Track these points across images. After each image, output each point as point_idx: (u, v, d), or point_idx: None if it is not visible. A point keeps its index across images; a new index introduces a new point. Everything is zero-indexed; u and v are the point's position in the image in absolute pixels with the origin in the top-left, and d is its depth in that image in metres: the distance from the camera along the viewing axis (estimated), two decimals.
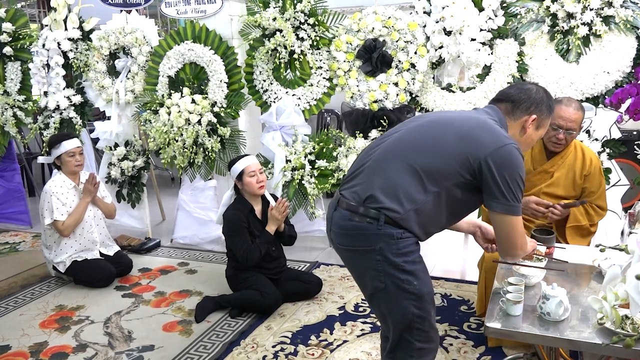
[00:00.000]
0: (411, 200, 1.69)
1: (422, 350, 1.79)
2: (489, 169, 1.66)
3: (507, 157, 1.67)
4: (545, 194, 2.69)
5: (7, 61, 4.75)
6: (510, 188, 1.66)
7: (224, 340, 2.83)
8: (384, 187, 1.71)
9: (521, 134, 1.84)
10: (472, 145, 1.69)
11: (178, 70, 4.10)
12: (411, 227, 1.72)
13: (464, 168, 1.69)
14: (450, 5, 3.40)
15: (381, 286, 1.73)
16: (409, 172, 1.71)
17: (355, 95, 3.82)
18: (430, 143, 1.74)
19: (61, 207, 3.49)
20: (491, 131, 1.72)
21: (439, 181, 1.70)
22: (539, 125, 1.85)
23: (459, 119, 1.79)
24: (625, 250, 1.95)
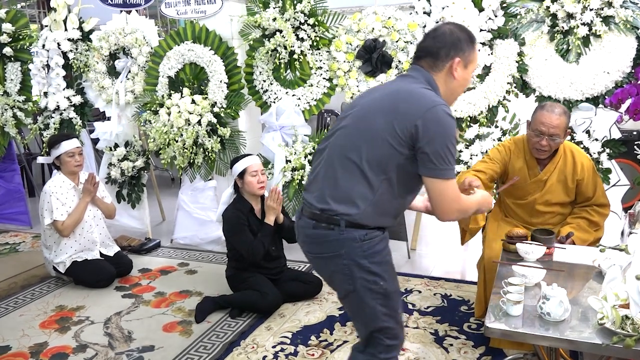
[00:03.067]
0: (364, 198, 1.69)
1: (389, 347, 1.82)
2: (418, 133, 1.63)
3: (434, 119, 1.64)
4: (541, 203, 2.68)
5: (7, 62, 4.76)
6: (437, 151, 1.63)
7: (224, 340, 2.83)
8: (335, 195, 1.72)
9: (451, 80, 1.78)
10: (401, 119, 1.66)
11: (178, 70, 4.10)
12: (374, 222, 1.73)
13: (400, 144, 1.66)
14: (450, 6, 3.40)
15: (350, 289, 1.75)
16: (354, 171, 1.71)
17: (356, 95, 3.82)
18: (366, 135, 1.72)
19: (61, 207, 3.49)
20: (416, 97, 1.69)
21: (384, 167, 1.69)
22: (466, 64, 1.78)
23: (385, 98, 1.75)
24: (625, 250, 1.95)
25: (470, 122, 3.60)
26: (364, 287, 1.74)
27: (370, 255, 1.73)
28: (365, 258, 1.72)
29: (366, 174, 1.69)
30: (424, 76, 1.77)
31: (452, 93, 1.82)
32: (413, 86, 1.73)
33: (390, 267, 1.80)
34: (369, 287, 1.73)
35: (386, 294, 1.76)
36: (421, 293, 3.31)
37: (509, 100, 3.50)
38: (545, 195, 2.67)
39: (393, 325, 1.80)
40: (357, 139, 1.72)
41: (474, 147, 3.53)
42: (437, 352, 2.65)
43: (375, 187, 1.69)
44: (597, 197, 2.65)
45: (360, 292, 1.74)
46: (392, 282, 1.79)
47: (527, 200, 2.72)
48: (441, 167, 1.64)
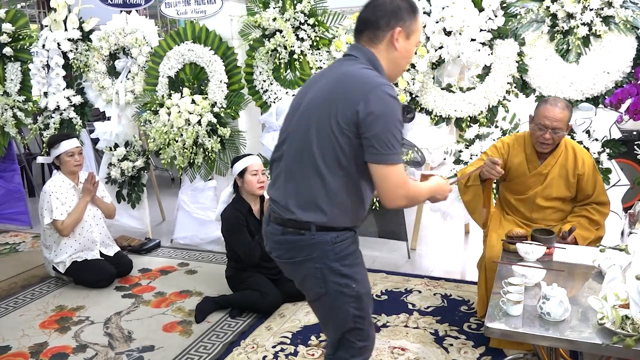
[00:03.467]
0: (328, 200, 1.65)
1: (362, 349, 1.81)
2: (359, 118, 1.57)
3: (374, 102, 1.57)
4: (541, 197, 2.69)
5: (7, 62, 4.76)
6: (379, 134, 1.57)
7: (224, 340, 2.83)
8: (300, 203, 1.68)
9: (392, 51, 1.70)
10: (342, 108, 1.60)
11: (178, 70, 4.10)
12: (344, 223, 1.71)
13: (347, 135, 1.60)
14: (450, 6, 3.40)
15: (322, 292, 1.73)
16: (313, 174, 1.66)
17: None
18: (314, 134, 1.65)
19: (60, 206, 3.49)
20: (356, 81, 1.62)
21: (340, 163, 1.63)
22: (408, 34, 1.69)
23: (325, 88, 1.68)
24: (625, 250, 1.95)
25: (470, 122, 3.60)
26: (336, 291, 1.71)
27: (342, 258, 1.70)
28: (337, 261, 1.70)
29: (324, 174, 1.64)
30: (364, 54, 1.70)
31: (396, 66, 1.74)
32: (353, 68, 1.66)
33: (362, 269, 1.78)
34: (341, 290, 1.71)
35: (358, 297, 1.74)
36: (421, 293, 3.31)
37: (509, 100, 3.50)
38: (546, 190, 2.68)
39: (365, 327, 1.79)
40: (307, 140, 1.66)
41: (474, 147, 3.53)
42: (437, 352, 2.66)
43: (336, 186, 1.65)
44: (597, 194, 2.65)
45: (332, 295, 1.72)
46: (364, 284, 1.77)
47: (527, 194, 2.73)
48: (384, 152, 1.57)
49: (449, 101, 3.62)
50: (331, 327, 1.81)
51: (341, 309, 1.74)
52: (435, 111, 3.67)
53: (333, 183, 1.64)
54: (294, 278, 1.82)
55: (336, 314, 1.76)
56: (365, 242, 4.18)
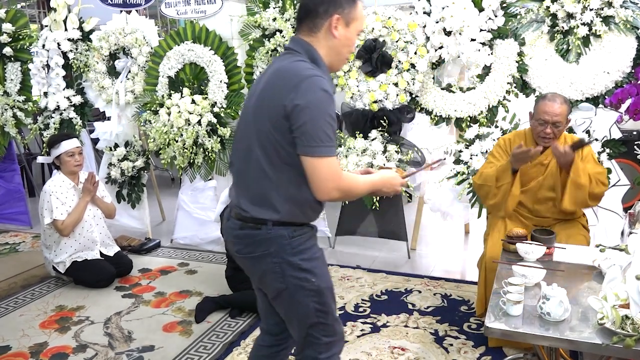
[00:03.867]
0: (279, 197, 1.65)
1: (328, 345, 1.79)
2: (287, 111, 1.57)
3: (302, 93, 1.55)
4: (545, 188, 2.70)
5: (7, 62, 4.76)
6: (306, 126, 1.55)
7: (224, 340, 2.83)
8: (253, 201, 1.69)
9: (331, 39, 1.67)
10: (274, 104, 1.60)
11: (178, 70, 4.10)
12: (299, 219, 1.70)
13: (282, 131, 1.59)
14: (450, 6, 3.40)
15: (282, 287, 1.71)
16: (260, 172, 1.66)
17: (355, 95, 3.82)
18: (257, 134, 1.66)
19: (60, 206, 3.49)
20: (286, 76, 1.61)
21: (285, 160, 1.62)
22: (347, 21, 1.67)
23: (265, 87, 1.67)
24: (625, 250, 1.95)
25: (470, 122, 3.60)
26: (295, 285, 1.70)
27: (299, 252, 1.69)
28: (295, 255, 1.68)
29: (270, 172, 1.64)
30: (302, 46, 1.68)
31: (337, 54, 1.71)
32: (285, 63, 1.66)
33: (321, 263, 1.76)
34: (301, 284, 1.70)
35: (319, 291, 1.72)
36: (421, 293, 3.31)
37: (509, 100, 3.51)
38: (548, 179, 2.70)
39: (329, 321, 1.77)
40: (250, 140, 1.67)
41: (474, 147, 3.53)
42: (437, 352, 2.65)
43: (284, 182, 1.64)
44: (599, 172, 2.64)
45: (292, 290, 1.70)
46: (324, 279, 1.75)
47: (530, 185, 2.74)
48: (312, 144, 1.56)
49: (449, 101, 3.62)
50: (295, 324, 1.78)
51: (302, 304, 1.72)
52: (435, 111, 3.67)
53: (280, 180, 1.64)
54: (254, 274, 1.79)
55: (297, 310, 1.74)
56: (365, 242, 4.18)
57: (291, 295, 1.72)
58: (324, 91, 1.58)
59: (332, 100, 1.60)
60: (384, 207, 3.87)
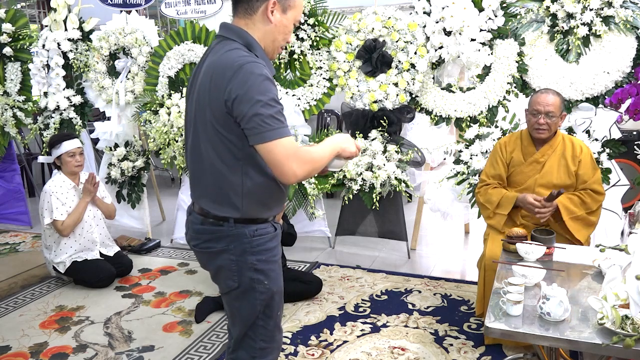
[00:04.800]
0: (237, 194, 1.61)
1: (264, 350, 1.75)
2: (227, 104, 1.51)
3: (238, 82, 1.49)
4: (541, 185, 2.71)
5: (7, 62, 4.75)
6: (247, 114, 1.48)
7: (224, 340, 2.83)
8: (213, 199, 1.65)
9: (267, 24, 1.61)
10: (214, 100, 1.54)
11: (178, 70, 4.10)
12: (261, 214, 1.67)
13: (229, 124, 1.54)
14: (450, 6, 3.40)
15: (234, 285, 1.69)
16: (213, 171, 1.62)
17: (355, 95, 3.82)
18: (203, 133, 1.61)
19: (61, 207, 3.49)
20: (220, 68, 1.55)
21: (235, 154, 1.58)
22: (284, 7, 1.62)
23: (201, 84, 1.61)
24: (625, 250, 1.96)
25: (470, 122, 3.60)
26: (248, 285, 1.67)
27: (258, 252, 1.66)
28: (253, 255, 1.66)
29: (223, 170, 1.60)
30: (235, 32, 1.61)
31: (272, 41, 1.65)
32: (218, 55, 1.59)
33: (277, 267, 1.74)
34: (253, 285, 1.67)
35: (269, 294, 1.70)
36: (421, 293, 3.31)
37: (509, 100, 3.51)
38: (545, 177, 2.71)
39: (269, 327, 1.74)
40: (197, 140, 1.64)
41: (474, 147, 3.53)
42: (437, 352, 2.66)
43: (239, 179, 1.60)
44: (594, 180, 2.67)
45: (244, 289, 1.68)
46: (277, 283, 1.73)
47: (527, 184, 2.76)
48: (262, 131, 1.48)
49: (449, 101, 3.62)
50: (237, 322, 1.75)
51: (249, 304, 1.70)
52: (435, 111, 3.67)
53: (235, 176, 1.59)
54: (209, 269, 1.76)
55: (243, 310, 1.71)
56: (365, 242, 4.18)
57: (241, 294, 1.69)
58: (260, 75, 1.50)
59: (271, 83, 1.52)
60: (384, 207, 3.87)
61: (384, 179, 3.71)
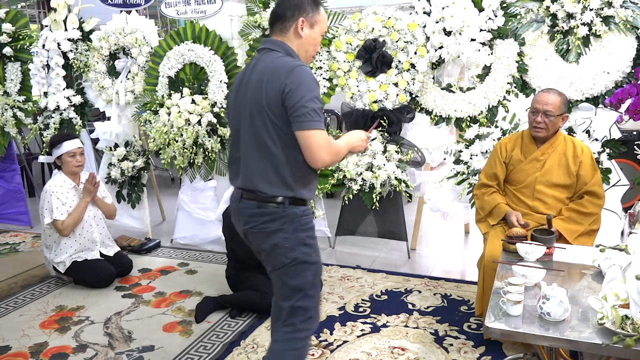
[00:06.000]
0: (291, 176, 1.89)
1: (309, 319, 2.00)
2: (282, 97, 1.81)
3: (293, 79, 1.81)
4: (541, 184, 2.72)
5: (7, 62, 4.76)
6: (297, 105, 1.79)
7: (224, 340, 2.83)
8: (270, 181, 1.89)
9: (298, 39, 1.95)
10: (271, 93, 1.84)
11: (178, 70, 4.10)
12: (306, 196, 1.95)
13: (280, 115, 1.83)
14: (450, 6, 3.40)
15: (287, 261, 1.92)
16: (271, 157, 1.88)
17: (355, 95, 3.82)
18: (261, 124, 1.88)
19: (61, 206, 3.49)
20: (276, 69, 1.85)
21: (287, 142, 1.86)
22: (311, 24, 1.95)
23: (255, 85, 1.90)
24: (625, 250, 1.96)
25: (470, 122, 3.60)
26: (299, 259, 1.92)
27: (306, 229, 1.94)
28: (303, 232, 1.93)
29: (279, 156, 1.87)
30: (277, 45, 1.95)
31: (304, 51, 1.98)
32: (271, 59, 1.91)
33: (316, 242, 2.01)
34: (304, 258, 1.93)
35: (316, 265, 1.98)
36: (421, 293, 3.31)
37: (509, 100, 3.51)
38: (545, 176, 2.72)
39: (315, 295, 2.00)
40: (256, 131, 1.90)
41: (474, 147, 3.53)
42: (437, 352, 2.66)
43: (292, 164, 1.88)
44: (594, 182, 2.67)
45: (296, 263, 1.93)
46: (319, 255, 2.01)
47: (527, 182, 2.77)
48: (306, 119, 1.80)
49: (449, 101, 3.62)
50: (290, 295, 1.97)
51: (301, 276, 1.94)
52: (435, 111, 3.67)
53: (288, 161, 1.88)
54: (262, 247, 1.97)
55: (296, 281, 1.95)
56: (365, 242, 4.18)
57: (294, 267, 1.93)
58: (309, 76, 1.84)
59: (316, 84, 1.86)
60: (384, 207, 3.87)
61: (384, 179, 3.71)
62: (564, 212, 2.68)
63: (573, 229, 2.62)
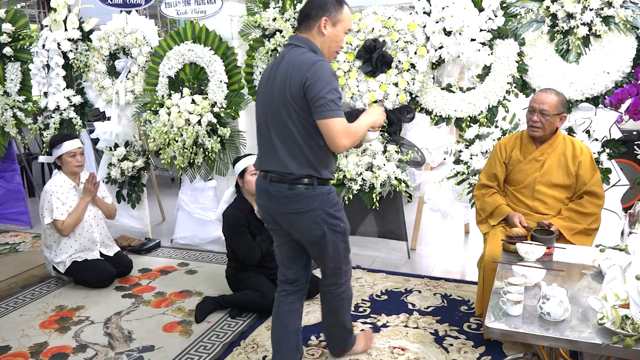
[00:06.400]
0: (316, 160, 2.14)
1: (347, 273, 2.42)
2: (304, 90, 2.03)
3: (314, 73, 2.02)
4: (541, 184, 2.72)
5: (7, 62, 4.76)
6: (317, 96, 2.01)
7: (224, 340, 2.83)
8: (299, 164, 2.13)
9: (321, 36, 2.15)
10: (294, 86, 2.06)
11: (178, 70, 4.10)
12: (329, 175, 2.21)
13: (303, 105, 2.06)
14: (450, 6, 3.40)
15: (321, 233, 2.21)
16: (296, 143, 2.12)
17: (355, 95, 3.82)
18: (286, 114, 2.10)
19: (61, 206, 3.49)
20: (298, 64, 2.07)
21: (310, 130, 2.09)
22: (334, 22, 2.15)
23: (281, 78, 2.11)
24: (625, 250, 1.96)
25: (470, 122, 3.60)
26: (331, 230, 2.23)
27: (333, 205, 2.23)
28: (331, 207, 2.21)
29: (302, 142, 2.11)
30: (303, 42, 2.15)
31: (328, 47, 2.18)
32: (296, 54, 2.12)
33: (343, 213, 2.30)
34: (335, 229, 2.24)
35: (344, 232, 2.31)
36: (421, 293, 3.31)
37: (509, 100, 3.51)
38: (545, 176, 2.72)
39: (348, 257, 2.40)
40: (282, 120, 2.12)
41: (474, 147, 3.53)
42: (437, 352, 2.66)
43: (315, 149, 2.12)
44: (593, 182, 2.67)
45: (328, 234, 2.22)
46: (347, 223, 2.33)
47: (526, 182, 2.77)
48: (325, 109, 2.02)
49: (449, 101, 3.62)
50: (328, 261, 2.33)
51: (334, 244, 2.27)
52: (435, 111, 3.67)
53: (312, 147, 2.12)
54: (296, 228, 2.24)
55: (331, 249, 2.27)
56: (366, 242, 4.18)
57: (327, 238, 2.23)
58: (328, 70, 2.05)
59: (334, 77, 2.06)
60: (384, 207, 3.87)
61: (384, 179, 3.71)
62: (563, 212, 2.69)
63: (571, 227, 2.63)
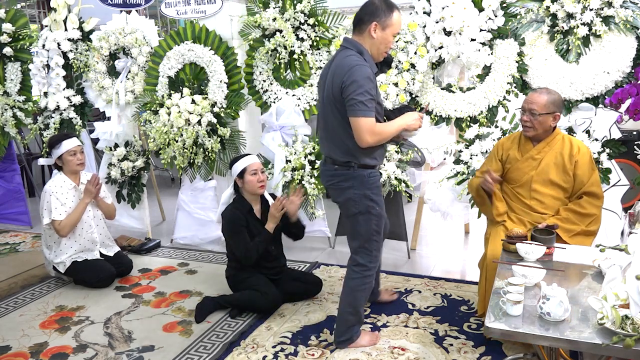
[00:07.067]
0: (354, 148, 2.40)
1: (375, 257, 2.59)
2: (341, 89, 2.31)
3: (350, 76, 2.29)
4: (537, 182, 2.72)
5: (7, 62, 4.76)
6: (350, 96, 2.28)
7: (224, 340, 2.83)
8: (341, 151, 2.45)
9: (371, 39, 2.39)
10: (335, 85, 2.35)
11: (178, 70, 4.10)
12: (372, 162, 2.47)
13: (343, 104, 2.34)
14: (450, 6, 3.40)
15: (356, 211, 2.48)
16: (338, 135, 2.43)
17: None
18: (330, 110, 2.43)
19: (60, 207, 3.49)
20: (341, 67, 2.34)
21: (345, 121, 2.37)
22: (383, 27, 2.38)
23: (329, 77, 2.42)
24: (625, 250, 1.96)
25: (470, 122, 3.60)
26: (366, 210, 2.47)
27: (372, 187, 2.47)
28: (369, 189, 2.46)
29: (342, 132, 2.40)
30: (352, 44, 2.42)
31: (376, 49, 2.43)
32: (341, 57, 2.39)
33: (382, 198, 2.54)
34: (369, 210, 2.47)
35: (379, 216, 2.51)
36: (421, 293, 3.31)
37: (509, 100, 3.51)
38: (542, 174, 2.73)
39: (379, 240, 2.59)
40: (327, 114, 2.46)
41: (474, 147, 3.53)
42: (437, 352, 2.66)
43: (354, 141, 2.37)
44: (591, 182, 2.67)
45: (364, 213, 2.47)
46: (383, 208, 2.54)
47: (524, 180, 2.77)
48: (355, 108, 2.29)
49: (449, 101, 3.62)
50: (357, 239, 2.55)
51: (367, 224, 2.49)
52: (435, 111, 3.67)
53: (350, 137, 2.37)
54: (339, 200, 2.55)
55: (363, 228, 2.50)
56: None
57: (362, 216, 2.47)
58: (362, 74, 2.29)
59: (369, 80, 2.31)
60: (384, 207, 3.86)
61: (384, 179, 3.71)
62: (561, 212, 2.68)
63: (569, 229, 2.62)
